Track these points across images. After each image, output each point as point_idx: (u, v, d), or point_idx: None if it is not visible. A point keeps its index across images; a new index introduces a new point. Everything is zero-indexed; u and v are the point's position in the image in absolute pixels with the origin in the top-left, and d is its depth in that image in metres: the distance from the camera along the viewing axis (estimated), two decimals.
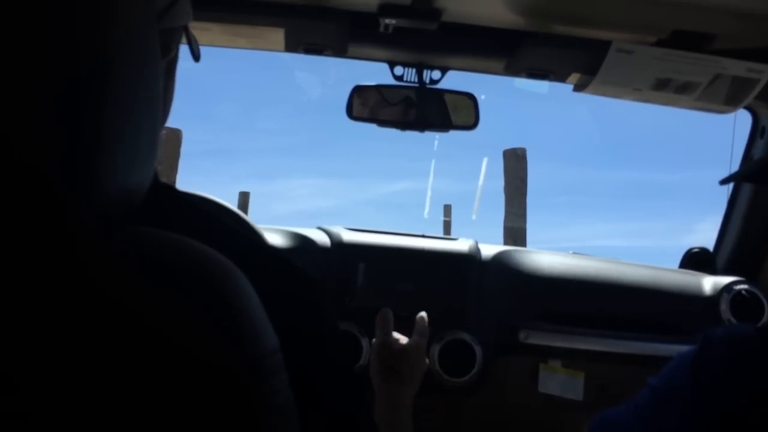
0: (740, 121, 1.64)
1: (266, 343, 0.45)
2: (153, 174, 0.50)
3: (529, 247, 1.81)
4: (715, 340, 0.62)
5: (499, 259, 1.53)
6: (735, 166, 1.67)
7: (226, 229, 0.59)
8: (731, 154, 1.70)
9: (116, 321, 0.40)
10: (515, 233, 6.32)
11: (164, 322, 0.41)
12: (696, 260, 1.69)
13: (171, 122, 0.65)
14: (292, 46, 1.43)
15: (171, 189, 0.59)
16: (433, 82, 1.49)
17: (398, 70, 1.49)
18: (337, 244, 1.49)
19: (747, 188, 1.62)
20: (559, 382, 1.46)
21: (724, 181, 0.82)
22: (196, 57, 0.66)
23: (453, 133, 1.50)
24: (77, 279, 0.40)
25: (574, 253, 1.69)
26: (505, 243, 5.59)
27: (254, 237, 1.23)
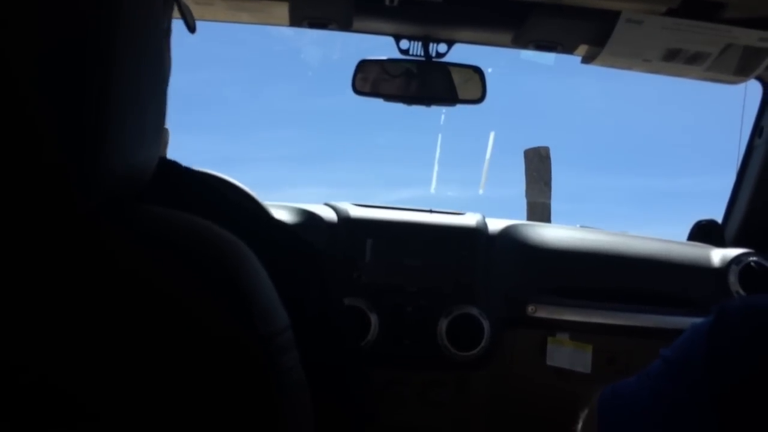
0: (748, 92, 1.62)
1: (277, 322, 0.45)
2: (159, 152, 0.50)
3: None
4: (730, 311, 0.61)
5: (506, 233, 1.53)
6: (744, 139, 1.66)
7: (234, 205, 0.59)
8: (741, 126, 1.68)
9: (128, 302, 0.40)
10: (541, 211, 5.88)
11: (175, 303, 0.41)
12: (704, 232, 1.68)
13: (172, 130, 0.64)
14: (296, 20, 1.41)
15: (177, 166, 0.59)
16: (440, 55, 1.48)
17: (404, 43, 1.47)
18: (344, 220, 1.49)
19: (756, 160, 1.61)
20: (567, 355, 1.47)
21: None
22: (191, 28, 0.65)
23: (455, 139, 1.48)
24: (89, 260, 0.40)
25: (581, 226, 1.69)
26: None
27: (262, 213, 1.23)
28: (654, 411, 0.64)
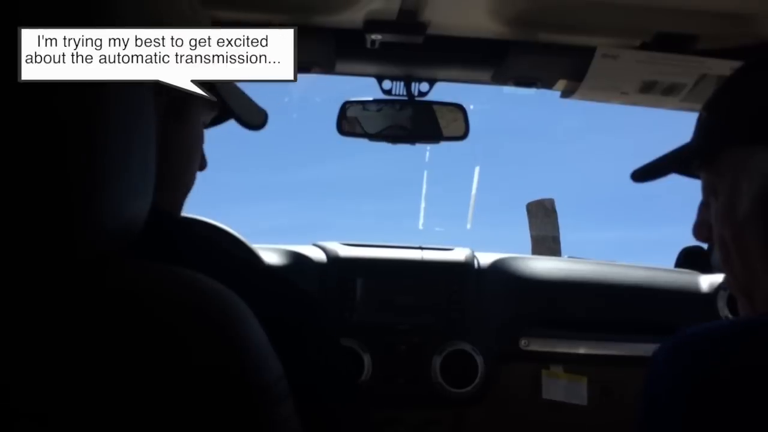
0: None
1: (270, 372, 0.45)
2: (150, 204, 0.50)
3: None
4: (684, 342, 0.61)
5: (496, 267, 1.54)
6: None
7: (226, 253, 0.59)
8: None
9: (118, 358, 0.40)
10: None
11: (166, 358, 0.40)
12: (691, 259, 1.70)
13: None
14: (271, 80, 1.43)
15: (168, 215, 0.59)
16: (422, 94, 1.50)
17: (386, 84, 1.50)
18: (334, 260, 1.49)
19: None
20: (562, 388, 1.46)
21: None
22: (255, 126, 0.68)
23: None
24: (81, 316, 0.40)
25: (569, 257, 1.70)
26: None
27: (253, 259, 1.23)
28: None
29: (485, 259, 1.55)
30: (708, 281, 1.53)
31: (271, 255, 1.48)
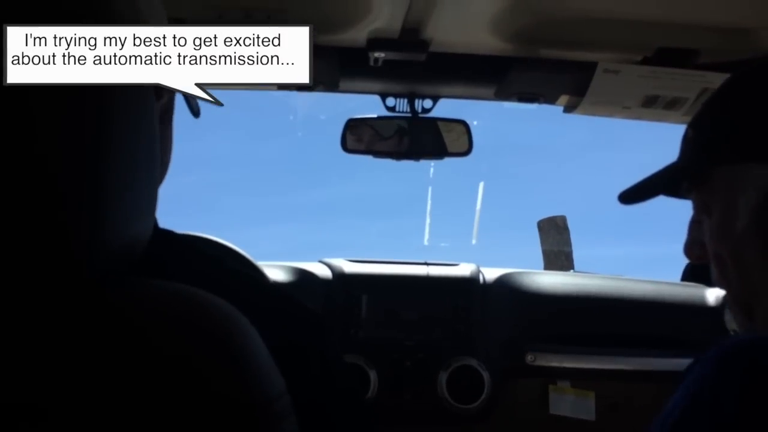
0: None
1: (273, 388, 0.44)
2: (154, 223, 0.51)
3: None
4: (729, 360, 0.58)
5: (501, 282, 1.54)
6: None
7: (230, 271, 0.59)
8: None
9: (120, 375, 0.40)
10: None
11: (169, 375, 0.40)
12: (697, 272, 1.69)
13: None
14: (284, 84, 1.44)
15: (171, 234, 0.59)
16: (425, 110, 1.51)
17: (390, 101, 1.51)
18: (339, 276, 1.50)
19: None
20: (569, 403, 1.45)
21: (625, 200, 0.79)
22: (195, 113, 0.65)
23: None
24: (85, 332, 0.41)
25: (575, 271, 1.70)
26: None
27: (258, 277, 1.23)
28: None
29: (491, 274, 1.55)
30: (714, 294, 1.52)
31: (276, 272, 1.49)
